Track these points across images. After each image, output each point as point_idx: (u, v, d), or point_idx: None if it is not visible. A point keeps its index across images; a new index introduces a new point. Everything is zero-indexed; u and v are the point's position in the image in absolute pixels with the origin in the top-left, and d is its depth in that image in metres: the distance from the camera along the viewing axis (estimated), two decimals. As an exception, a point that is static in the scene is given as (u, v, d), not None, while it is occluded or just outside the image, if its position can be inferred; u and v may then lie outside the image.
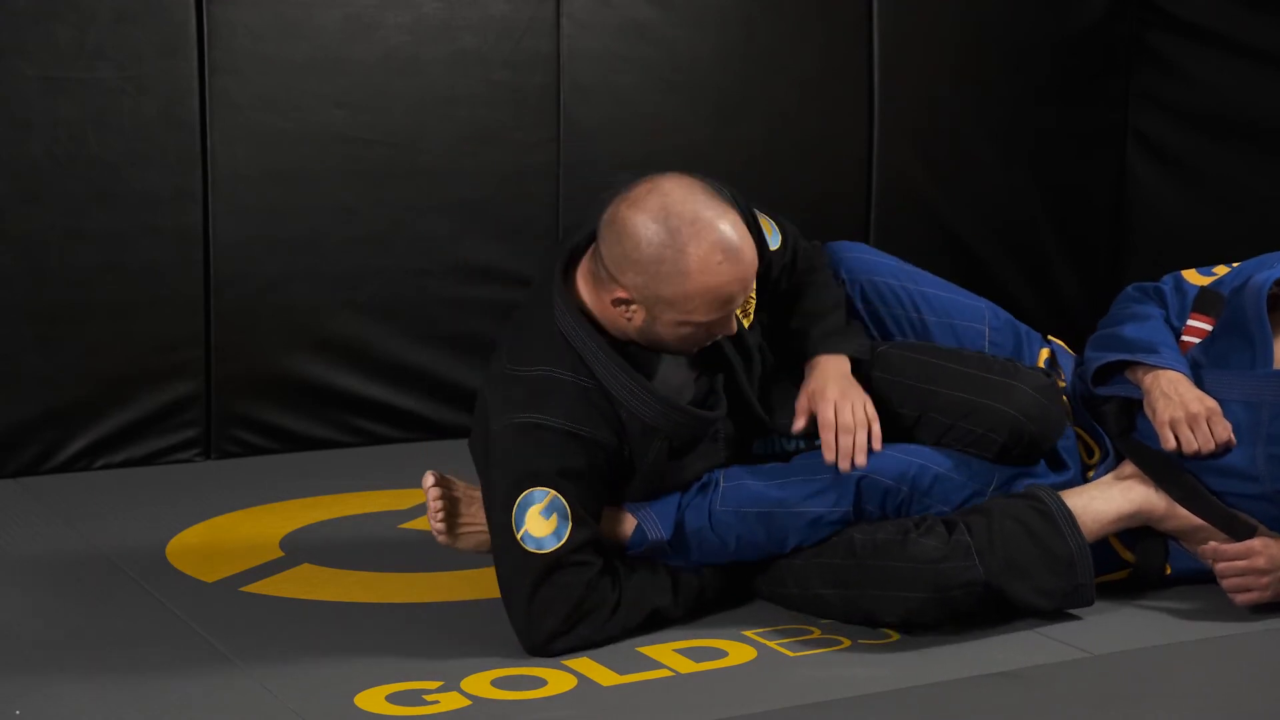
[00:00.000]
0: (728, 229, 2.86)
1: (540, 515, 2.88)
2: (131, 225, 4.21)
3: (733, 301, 2.89)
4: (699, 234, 2.83)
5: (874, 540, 3.01)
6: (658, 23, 4.76)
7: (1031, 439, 3.12)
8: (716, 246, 2.83)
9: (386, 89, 4.45)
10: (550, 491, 2.88)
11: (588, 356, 2.93)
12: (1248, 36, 5.08)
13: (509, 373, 2.99)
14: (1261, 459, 3.12)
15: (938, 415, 3.11)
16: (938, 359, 3.18)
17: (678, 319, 2.88)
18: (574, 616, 2.89)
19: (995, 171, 5.30)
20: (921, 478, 3.08)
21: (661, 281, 2.84)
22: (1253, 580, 3.10)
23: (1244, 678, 2.92)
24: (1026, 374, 3.16)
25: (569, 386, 2.92)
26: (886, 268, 3.37)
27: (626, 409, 2.94)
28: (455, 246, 4.56)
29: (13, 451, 4.17)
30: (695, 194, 2.87)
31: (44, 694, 2.74)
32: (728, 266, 2.85)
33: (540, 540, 2.87)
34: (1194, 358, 3.24)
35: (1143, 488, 3.20)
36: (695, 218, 2.84)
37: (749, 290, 2.93)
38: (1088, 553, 3.08)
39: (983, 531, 3.01)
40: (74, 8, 4.09)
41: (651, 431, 2.97)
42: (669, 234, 2.83)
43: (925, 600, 2.96)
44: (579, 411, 2.91)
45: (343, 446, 4.50)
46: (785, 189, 4.98)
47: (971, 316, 3.35)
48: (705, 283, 2.84)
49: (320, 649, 2.95)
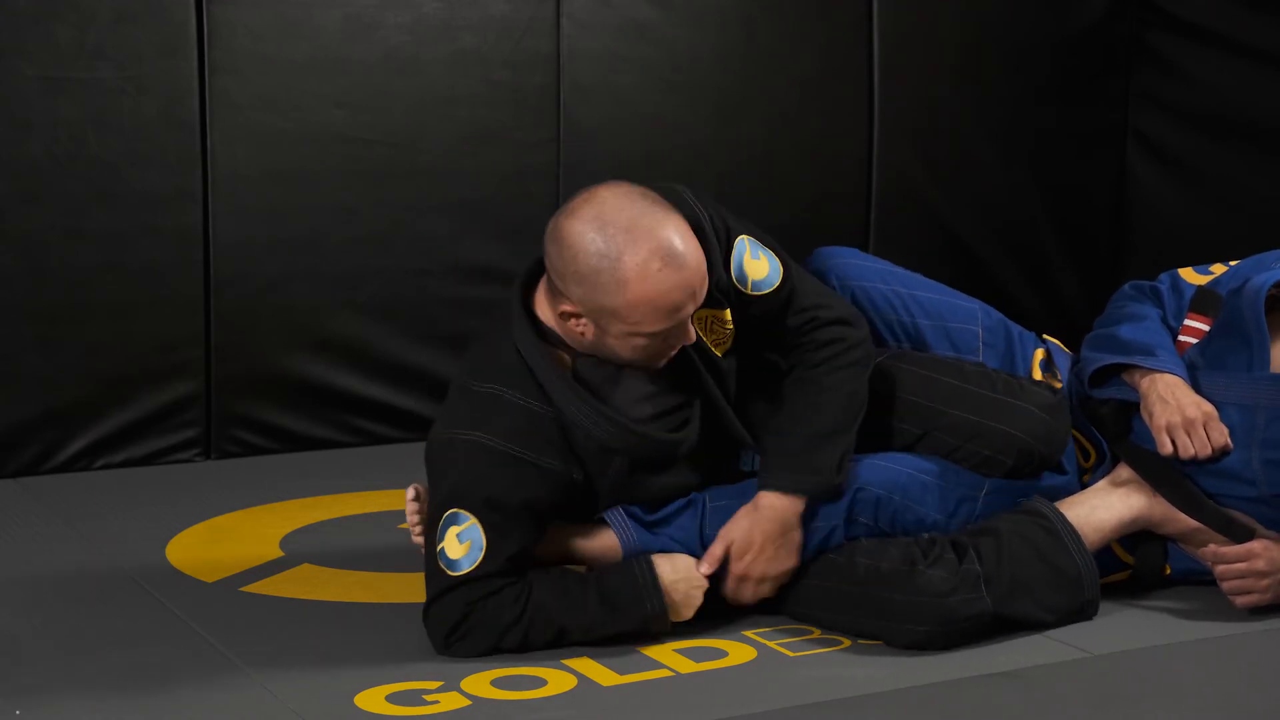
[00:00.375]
0: (667, 235, 2.78)
1: (456, 538, 2.87)
2: (131, 225, 4.21)
3: (680, 310, 2.81)
4: (635, 241, 2.76)
5: (879, 569, 2.97)
6: (658, 23, 4.76)
7: (1040, 459, 3.12)
8: (655, 254, 2.76)
9: (386, 89, 4.45)
10: (471, 518, 2.85)
11: (541, 378, 2.90)
12: (1248, 36, 5.08)
13: (462, 385, 2.98)
14: (1257, 462, 3.11)
15: (944, 435, 3.09)
16: (941, 374, 3.14)
17: (625, 330, 2.82)
18: (463, 629, 2.87)
19: (995, 171, 5.31)
20: (911, 486, 3.07)
21: (601, 292, 2.78)
22: (1252, 582, 3.10)
23: (1244, 678, 2.92)
24: (1031, 393, 3.13)
25: (516, 408, 2.89)
26: (876, 273, 3.34)
27: (582, 430, 2.91)
28: (455, 246, 4.56)
29: (13, 451, 4.17)
30: (633, 201, 2.80)
31: (44, 694, 2.73)
32: (668, 274, 2.77)
33: (452, 561, 2.87)
34: (1191, 359, 3.24)
35: (1141, 493, 3.19)
36: (631, 225, 2.77)
37: (697, 298, 2.83)
38: (1094, 568, 3.08)
39: (992, 555, 2.99)
40: (74, 8, 4.09)
41: (610, 451, 2.94)
42: (605, 243, 2.77)
43: (932, 632, 2.93)
44: (522, 434, 2.87)
45: (343, 446, 4.50)
46: (785, 189, 4.99)
47: (964, 318, 3.33)
48: (645, 291, 2.77)
49: (320, 649, 2.95)
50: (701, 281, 2.83)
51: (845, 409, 3.03)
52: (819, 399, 3.02)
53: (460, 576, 2.86)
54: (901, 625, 2.94)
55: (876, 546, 3.01)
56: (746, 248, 3.01)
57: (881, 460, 3.08)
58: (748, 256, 3.00)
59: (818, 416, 3.01)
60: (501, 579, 2.88)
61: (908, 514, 3.06)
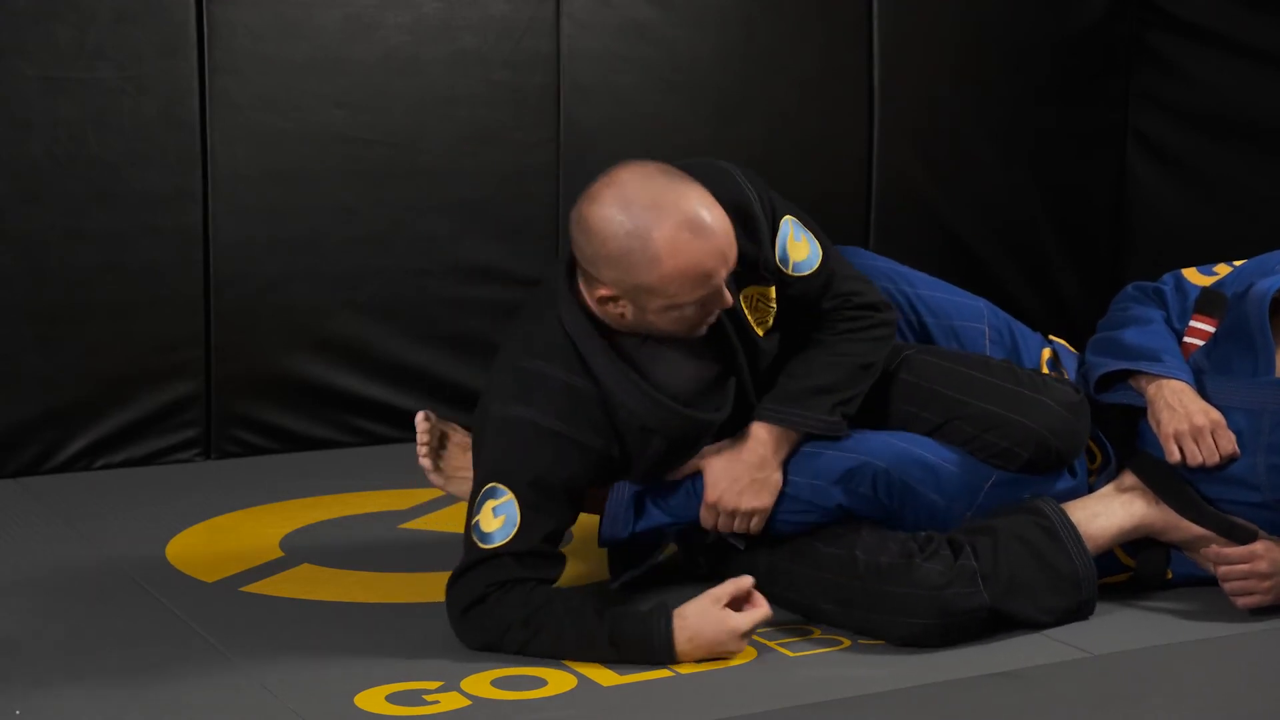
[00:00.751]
0: (691, 205, 2.81)
1: (492, 512, 2.89)
2: (131, 225, 4.21)
3: (714, 275, 2.83)
4: (661, 216, 2.79)
5: (877, 563, 2.98)
6: (658, 23, 4.76)
7: (1058, 455, 3.11)
8: (682, 225, 2.79)
9: (386, 89, 4.45)
10: (508, 493, 2.88)
11: (588, 356, 2.93)
12: (1248, 36, 5.08)
13: (509, 360, 3.00)
14: (1263, 467, 3.11)
15: (963, 425, 3.09)
16: (966, 367, 3.15)
17: (664, 304, 2.84)
18: (479, 609, 2.88)
19: (995, 171, 5.30)
20: (917, 466, 3.06)
21: (636, 271, 2.81)
22: (1254, 583, 3.09)
23: (1244, 678, 2.92)
24: (1055, 389, 3.13)
25: (558, 384, 2.92)
26: (882, 271, 3.34)
27: (626, 409, 2.94)
28: (455, 246, 4.56)
29: (13, 451, 4.17)
30: (651, 178, 2.83)
31: (44, 694, 2.73)
32: (699, 242, 2.80)
33: (485, 534, 2.89)
34: (1196, 362, 3.23)
35: (1144, 501, 3.18)
36: (655, 201, 2.80)
37: (729, 261, 2.84)
38: (1093, 570, 3.08)
39: (988, 553, 2.99)
40: (74, 8, 4.09)
41: (650, 431, 2.97)
42: (632, 223, 2.79)
43: (928, 626, 2.94)
44: (564, 410, 2.90)
45: (343, 446, 4.50)
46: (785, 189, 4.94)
47: (970, 316, 3.34)
48: (679, 264, 2.79)
49: (320, 649, 2.95)
50: (730, 245, 2.85)
51: (850, 375, 3.06)
52: (828, 359, 3.06)
53: (491, 550, 2.87)
54: (898, 618, 2.94)
55: (875, 542, 3.01)
56: (790, 229, 3.05)
57: (892, 438, 3.08)
58: (791, 238, 3.05)
59: (823, 374, 3.05)
60: (528, 565, 2.88)
61: (910, 493, 3.06)
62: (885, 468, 3.03)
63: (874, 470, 3.03)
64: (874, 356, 3.09)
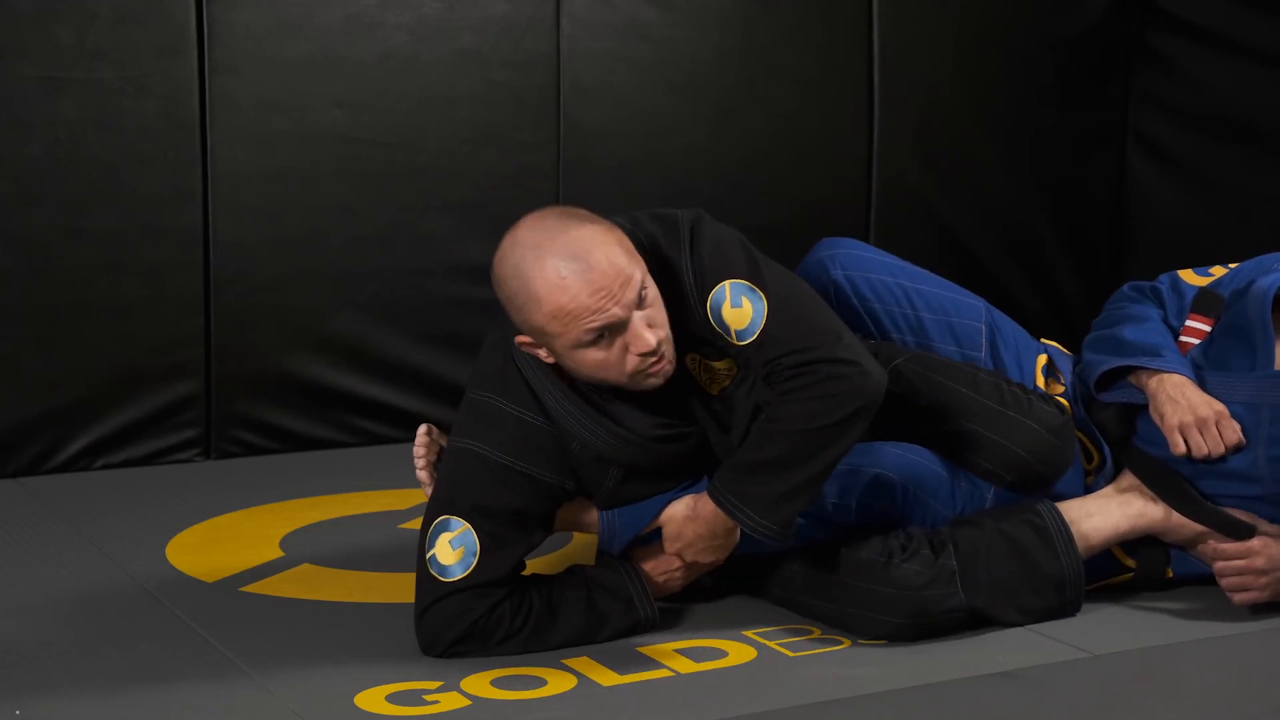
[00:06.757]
0: (567, 241, 2.74)
1: (449, 544, 2.88)
2: (131, 225, 4.22)
3: (601, 311, 2.73)
4: (540, 256, 2.74)
5: (857, 558, 2.99)
6: (658, 23, 4.76)
7: (1040, 478, 3.09)
8: (558, 262, 2.73)
9: (386, 89, 4.45)
10: (464, 524, 2.88)
11: (538, 389, 2.91)
12: (1248, 36, 5.08)
13: (467, 393, 3.01)
14: (1263, 460, 3.11)
15: (947, 444, 3.09)
16: (952, 380, 3.12)
17: (567, 344, 2.78)
18: (462, 637, 2.89)
19: (995, 171, 5.31)
20: (927, 477, 3.07)
21: (526, 312, 2.78)
22: (1251, 580, 3.10)
23: (1244, 678, 2.92)
24: (1040, 411, 3.10)
25: (509, 419, 2.91)
26: (882, 264, 3.33)
27: (579, 440, 2.92)
28: (455, 246, 4.56)
29: (13, 451, 4.17)
30: (543, 221, 2.80)
31: (44, 694, 2.73)
32: (574, 278, 2.72)
33: (445, 568, 2.88)
34: (1192, 360, 3.23)
35: (1142, 501, 3.18)
36: (538, 242, 2.76)
37: (617, 298, 2.73)
38: (1080, 571, 3.08)
39: (969, 551, 3.00)
40: (74, 8, 4.09)
41: (606, 461, 2.95)
42: (514, 266, 2.77)
43: (905, 624, 2.95)
44: (516, 444, 2.89)
45: (343, 446, 4.50)
46: (785, 189, 4.99)
47: (969, 314, 3.33)
48: (558, 301, 2.73)
49: (320, 649, 2.95)
50: (616, 279, 2.74)
51: (792, 444, 2.84)
52: (767, 428, 2.88)
53: (454, 583, 2.88)
54: (877, 616, 2.95)
55: (857, 537, 3.03)
56: (726, 296, 2.88)
57: (898, 449, 3.08)
58: (726, 305, 2.89)
59: (762, 447, 2.88)
60: (499, 588, 2.89)
61: (919, 506, 3.06)
62: (904, 482, 3.05)
63: (893, 483, 3.04)
64: (821, 420, 2.83)
